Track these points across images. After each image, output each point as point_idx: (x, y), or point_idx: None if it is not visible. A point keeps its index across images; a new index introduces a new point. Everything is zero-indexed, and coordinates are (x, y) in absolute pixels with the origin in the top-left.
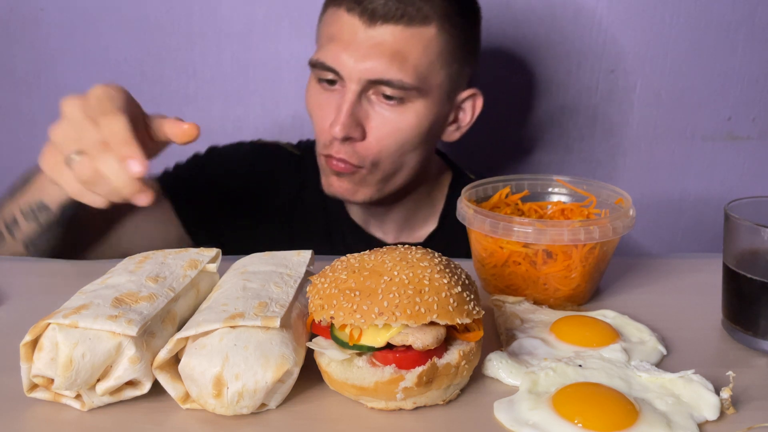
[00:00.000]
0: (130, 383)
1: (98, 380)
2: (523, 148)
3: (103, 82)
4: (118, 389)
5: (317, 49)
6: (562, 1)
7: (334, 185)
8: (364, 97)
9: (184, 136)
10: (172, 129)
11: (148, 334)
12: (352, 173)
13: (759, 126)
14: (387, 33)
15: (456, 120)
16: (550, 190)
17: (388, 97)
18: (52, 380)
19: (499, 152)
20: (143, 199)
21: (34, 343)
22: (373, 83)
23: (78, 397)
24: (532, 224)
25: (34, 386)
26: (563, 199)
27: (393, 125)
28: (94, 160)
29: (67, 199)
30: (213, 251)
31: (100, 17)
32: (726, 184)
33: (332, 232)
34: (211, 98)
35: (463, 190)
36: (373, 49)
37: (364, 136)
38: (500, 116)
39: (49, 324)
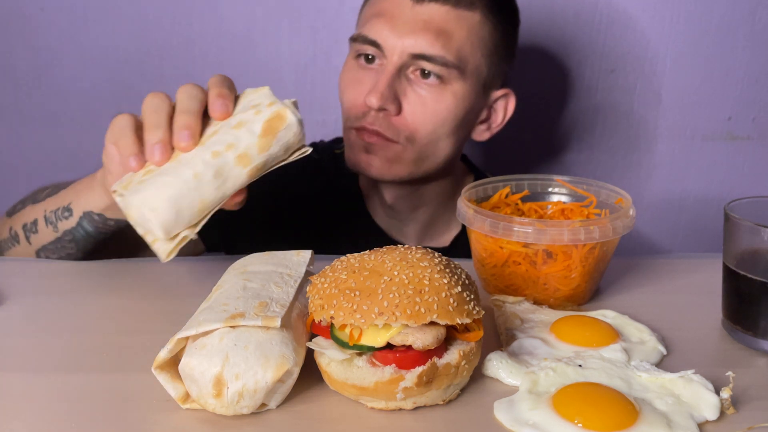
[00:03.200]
0: None
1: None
2: (522, 148)
3: (103, 82)
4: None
5: (358, 27)
6: (562, 1)
7: (362, 162)
8: (403, 75)
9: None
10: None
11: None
12: (385, 147)
13: (759, 126)
14: (434, 11)
15: (488, 119)
16: (550, 190)
17: (427, 75)
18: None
19: (497, 153)
20: (186, 138)
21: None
22: (415, 58)
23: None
24: (532, 224)
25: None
26: (563, 199)
27: (430, 105)
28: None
29: (91, 210)
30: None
31: (100, 17)
32: (726, 184)
33: (358, 237)
34: None
35: (464, 190)
36: (418, 24)
37: (399, 111)
38: None
39: None
